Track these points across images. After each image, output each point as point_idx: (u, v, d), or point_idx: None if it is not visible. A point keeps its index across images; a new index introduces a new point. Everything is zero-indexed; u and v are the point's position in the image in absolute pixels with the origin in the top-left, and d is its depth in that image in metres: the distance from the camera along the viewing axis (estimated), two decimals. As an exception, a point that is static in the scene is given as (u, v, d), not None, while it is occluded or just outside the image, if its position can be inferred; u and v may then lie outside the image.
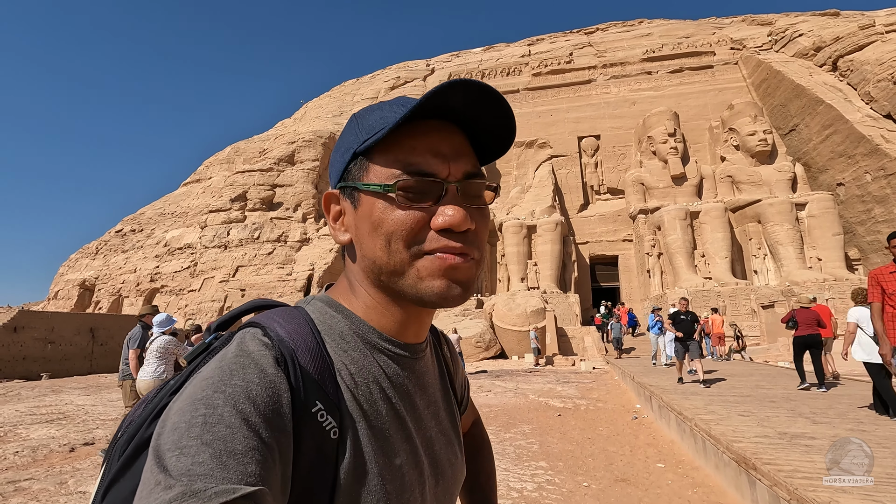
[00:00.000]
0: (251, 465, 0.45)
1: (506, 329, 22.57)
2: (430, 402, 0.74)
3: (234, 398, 0.49)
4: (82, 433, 7.81)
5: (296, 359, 0.58)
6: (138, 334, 6.86)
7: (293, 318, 0.64)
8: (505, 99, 0.65)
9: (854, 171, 27.36)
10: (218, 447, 0.45)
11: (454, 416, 0.80)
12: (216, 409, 0.48)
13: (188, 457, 0.44)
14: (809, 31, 35.48)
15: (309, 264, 28.76)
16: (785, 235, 26.74)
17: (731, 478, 4.84)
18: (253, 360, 0.54)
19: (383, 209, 0.63)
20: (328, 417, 0.57)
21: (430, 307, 0.65)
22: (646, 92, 38.74)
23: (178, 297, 31.94)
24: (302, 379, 0.57)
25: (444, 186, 0.63)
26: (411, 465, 0.65)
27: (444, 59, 50.23)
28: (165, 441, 0.46)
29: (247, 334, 0.60)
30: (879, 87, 27.74)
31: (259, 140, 45.46)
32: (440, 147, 0.64)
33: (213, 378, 0.51)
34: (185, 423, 0.47)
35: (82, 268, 38.95)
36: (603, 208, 36.30)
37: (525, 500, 4.85)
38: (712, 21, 45.75)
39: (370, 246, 0.64)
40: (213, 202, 35.90)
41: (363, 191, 0.65)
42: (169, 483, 0.42)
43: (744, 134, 31.01)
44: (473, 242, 0.64)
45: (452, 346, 0.93)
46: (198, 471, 0.43)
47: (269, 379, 0.53)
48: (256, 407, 0.50)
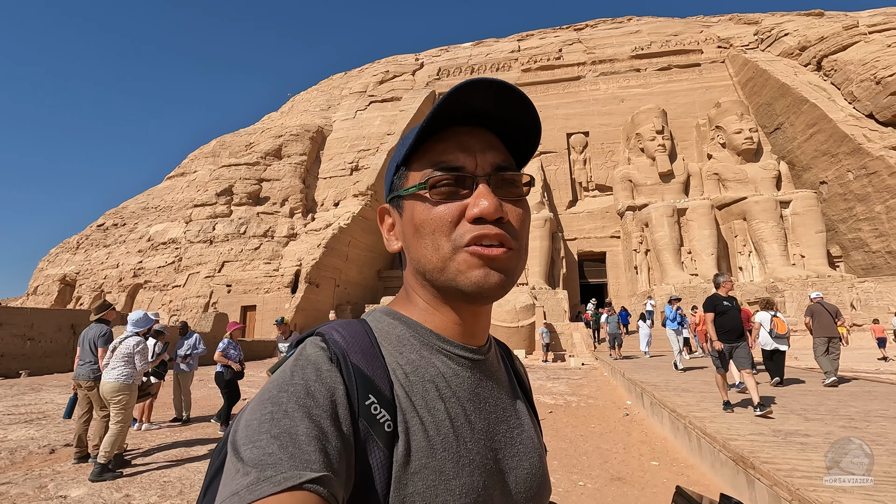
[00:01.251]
0: (314, 454, 0.50)
1: (495, 325, 22.53)
2: (499, 408, 0.72)
3: (296, 395, 0.55)
4: (63, 434, 7.55)
5: (348, 357, 0.62)
6: (107, 331, 6.35)
7: (350, 326, 0.69)
8: (523, 92, 0.67)
9: (837, 169, 27.82)
10: (284, 440, 0.50)
11: (530, 428, 0.76)
12: (280, 406, 0.54)
13: (259, 448, 0.50)
14: (795, 31, 35.93)
15: (296, 260, 28.41)
16: (769, 233, 27.13)
17: (729, 477, 4.83)
18: (310, 360, 0.60)
19: (422, 210, 0.67)
20: (382, 410, 0.60)
21: (472, 300, 0.66)
22: (634, 89, 38.93)
23: (162, 293, 31.38)
24: (354, 375, 0.61)
25: (475, 180, 0.66)
26: (472, 466, 0.63)
27: (433, 53, 49.90)
28: (240, 437, 0.52)
29: (308, 342, 0.65)
30: (862, 87, 28.20)
31: (245, 133, 44.76)
32: (466, 142, 0.68)
33: (278, 380, 0.58)
34: (256, 421, 0.53)
35: (63, 263, 38.06)
36: (591, 205, 36.48)
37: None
38: (700, 19, 46.09)
39: (415, 247, 0.68)
40: (199, 196, 35.27)
41: (404, 197, 0.70)
42: (245, 470, 0.48)
43: (730, 132, 31.35)
44: (510, 232, 0.66)
45: (524, 366, 0.91)
46: (268, 461, 0.49)
47: (324, 375, 0.59)
48: (316, 401, 0.55)
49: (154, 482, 5.32)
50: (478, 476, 0.63)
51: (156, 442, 7.26)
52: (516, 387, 0.81)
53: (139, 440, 7.34)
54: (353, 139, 37.77)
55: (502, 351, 0.85)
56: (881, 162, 24.75)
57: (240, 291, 28.27)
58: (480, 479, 0.63)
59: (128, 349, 5.88)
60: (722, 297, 7.34)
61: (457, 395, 0.66)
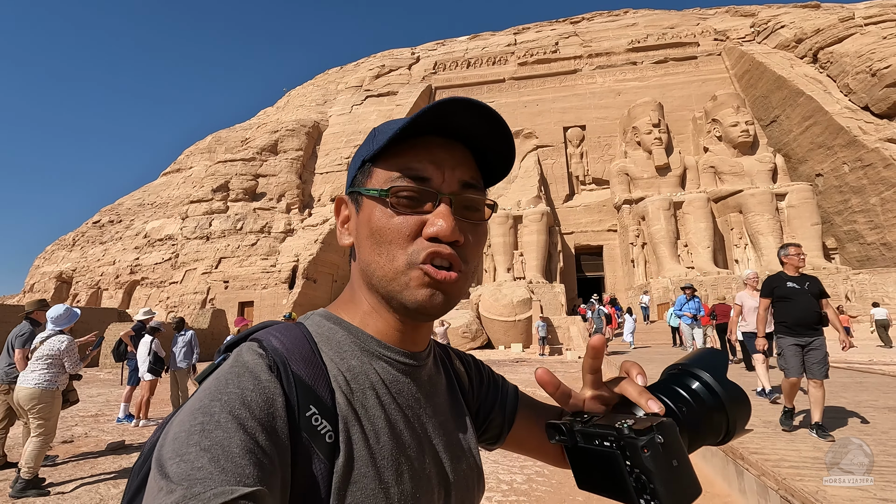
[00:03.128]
0: (248, 467, 0.47)
1: (492, 319, 22.65)
2: (437, 412, 0.72)
3: (230, 404, 0.51)
4: (60, 431, 7.59)
5: (288, 365, 0.59)
6: (28, 331, 5.72)
7: (289, 331, 0.66)
8: (503, 119, 0.67)
9: (832, 161, 27.89)
10: (216, 452, 0.47)
11: (466, 430, 0.76)
12: (213, 416, 0.50)
13: (187, 462, 0.45)
14: (791, 23, 35.88)
15: (293, 255, 28.41)
16: (765, 225, 27.23)
17: (719, 467, 4.90)
18: (247, 368, 0.56)
19: (380, 215, 0.65)
20: (323, 421, 0.58)
21: (413, 317, 0.66)
22: (631, 82, 38.86)
23: (159, 290, 31.36)
24: (295, 384, 0.58)
25: (438, 196, 0.65)
26: (413, 471, 0.63)
27: (429, 47, 49.68)
28: (167, 450, 0.48)
29: (243, 347, 0.62)
30: (858, 80, 28.22)
31: (241, 129, 44.58)
32: (438, 156, 0.66)
33: (211, 388, 0.54)
34: (185, 432, 0.48)
35: (59, 260, 37.97)
36: (588, 199, 36.50)
37: (515, 493, 4.85)
38: (696, 12, 46.00)
39: (368, 251, 0.67)
40: (195, 192, 35.17)
41: (365, 195, 0.68)
42: (170, 488, 0.44)
43: (726, 125, 31.36)
44: (462, 255, 0.65)
45: (472, 362, 0.89)
46: (197, 475, 0.44)
47: (262, 385, 0.55)
48: (252, 412, 0.52)
49: (151, 478, 5.36)
50: (417, 482, 0.63)
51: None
52: (455, 388, 0.80)
53: (137, 436, 7.38)
54: (350, 134, 37.67)
55: (441, 352, 0.83)
56: (876, 154, 24.83)
57: (237, 287, 28.28)
58: (419, 484, 0.63)
59: (51, 350, 5.18)
60: (788, 276, 5.59)
61: (397, 402, 0.66)
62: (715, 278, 25.50)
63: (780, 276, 5.65)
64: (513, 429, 0.87)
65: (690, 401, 0.63)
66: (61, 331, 5.39)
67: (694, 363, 0.67)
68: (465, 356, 0.90)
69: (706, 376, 0.64)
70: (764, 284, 5.80)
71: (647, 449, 0.52)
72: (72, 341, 5.33)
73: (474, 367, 0.88)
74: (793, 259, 5.55)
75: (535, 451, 0.88)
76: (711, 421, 0.63)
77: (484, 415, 0.85)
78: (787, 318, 5.44)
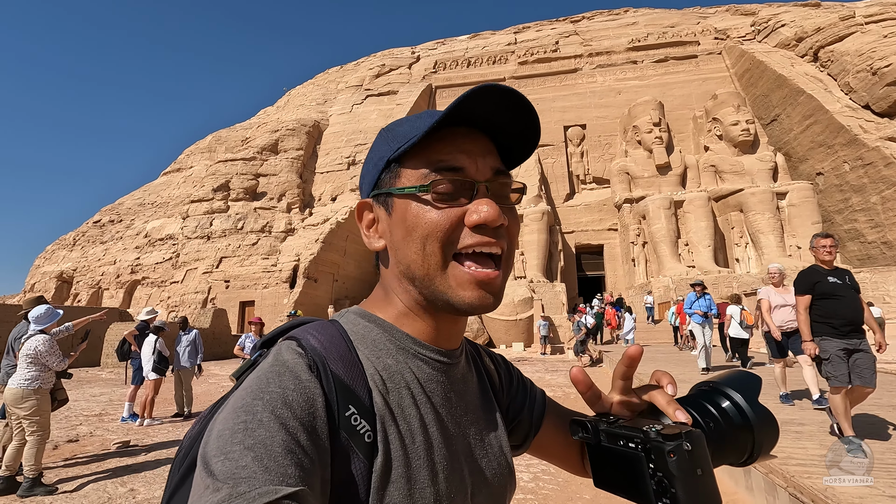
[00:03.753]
0: (291, 467, 0.47)
1: (494, 318, 22.66)
2: (469, 410, 0.72)
3: (272, 404, 0.52)
4: (65, 430, 7.61)
5: (327, 365, 0.60)
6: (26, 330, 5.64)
7: (326, 329, 0.66)
8: (529, 101, 0.67)
9: (833, 160, 27.89)
10: (259, 451, 0.47)
11: (498, 427, 0.77)
12: (256, 416, 0.50)
13: (232, 461, 0.46)
14: (791, 22, 35.87)
15: (294, 255, 28.40)
16: (766, 224, 27.23)
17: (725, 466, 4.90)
18: (287, 367, 0.57)
19: (417, 211, 0.65)
20: (361, 421, 0.59)
21: (462, 314, 0.66)
22: (631, 81, 38.85)
23: (160, 289, 31.35)
24: (335, 384, 0.59)
25: (476, 185, 0.65)
26: (449, 470, 0.64)
27: (429, 46, 49.63)
28: (211, 448, 0.49)
29: (282, 346, 0.62)
30: (859, 78, 28.22)
31: (241, 128, 44.54)
32: (466, 146, 0.67)
33: (252, 387, 0.54)
34: (229, 431, 0.49)
35: (59, 260, 37.96)
36: (588, 198, 36.50)
37: (521, 490, 4.86)
38: (697, 10, 45.95)
39: (405, 250, 0.66)
40: (195, 192, 35.15)
41: (397, 195, 0.67)
42: (216, 486, 0.44)
43: (727, 124, 31.36)
44: (505, 237, 0.66)
45: (502, 361, 0.89)
46: (242, 474, 0.45)
47: (303, 385, 0.55)
48: (293, 411, 0.52)
49: (157, 476, 5.37)
50: (451, 481, 0.64)
51: (158, 437, 7.31)
52: (487, 386, 0.81)
53: (142, 435, 7.39)
54: (350, 133, 37.65)
55: (473, 350, 0.84)
56: (877, 153, 24.83)
57: (238, 287, 28.28)
58: (453, 483, 0.64)
59: (30, 350, 5.14)
60: (824, 270, 5.02)
61: (431, 401, 0.66)
62: (716, 277, 25.51)
63: (816, 269, 5.04)
64: (538, 434, 0.87)
65: (719, 418, 0.64)
66: (42, 330, 5.35)
67: (726, 382, 0.67)
68: (495, 355, 0.89)
69: (737, 397, 0.65)
70: (800, 280, 5.15)
71: (674, 454, 0.53)
72: (50, 341, 5.26)
73: (503, 367, 0.88)
74: (821, 252, 4.98)
75: (558, 458, 0.89)
76: (737, 441, 0.63)
77: (513, 416, 0.85)
78: (833, 318, 4.82)
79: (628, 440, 0.58)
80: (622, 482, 0.59)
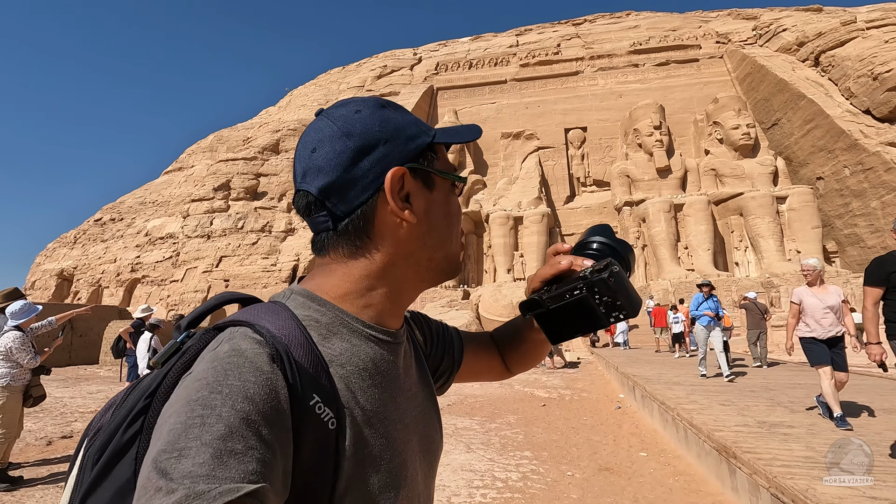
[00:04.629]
0: (252, 463, 0.45)
1: (492, 320, 22.67)
2: (413, 383, 0.77)
3: (232, 398, 0.49)
4: (60, 426, 7.64)
5: (290, 355, 0.57)
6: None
7: (279, 314, 0.63)
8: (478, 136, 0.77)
9: (833, 165, 27.88)
10: (218, 447, 0.45)
11: (432, 393, 0.84)
12: (214, 410, 0.47)
13: (188, 458, 0.43)
14: (793, 26, 35.90)
15: (294, 255, 28.47)
16: (766, 228, 27.22)
17: (713, 466, 4.92)
18: (247, 358, 0.53)
19: (454, 202, 0.74)
20: (325, 409, 0.58)
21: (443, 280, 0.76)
22: (632, 84, 38.90)
23: (159, 288, 31.43)
24: (298, 374, 0.57)
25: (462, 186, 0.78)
26: (404, 442, 0.68)
27: (431, 48, 49.76)
28: (163, 444, 0.45)
29: (236, 333, 0.58)
30: (859, 83, 28.23)
31: (243, 128, 44.68)
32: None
33: (208, 378, 0.50)
34: (182, 425, 0.46)
35: (60, 257, 38.07)
36: (589, 200, 36.52)
37: (510, 490, 4.88)
38: (698, 14, 46.01)
39: (444, 234, 0.72)
40: (196, 191, 35.26)
41: (439, 176, 0.71)
42: (170, 487, 0.41)
43: (728, 127, 31.37)
44: None
45: (423, 321, 0.95)
46: (199, 472, 0.42)
47: (265, 377, 0.53)
48: (255, 405, 0.49)
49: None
50: (405, 454, 0.67)
51: (152, 434, 7.34)
52: (422, 357, 0.85)
53: (135, 432, 7.42)
54: (351, 134, 37.72)
55: (408, 323, 0.85)
56: (877, 158, 24.83)
57: (237, 286, 28.35)
58: (407, 455, 0.68)
59: (1, 347, 5.03)
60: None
61: (385, 380, 0.67)
62: (715, 281, 25.50)
63: (892, 256, 4.29)
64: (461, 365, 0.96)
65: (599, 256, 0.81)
66: (17, 326, 5.21)
67: (590, 234, 0.86)
68: (417, 316, 0.92)
69: (602, 238, 0.84)
70: (873, 269, 4.40)
71: (612, 278, 0.68)
72: (22, 338, 5.13)
73: (425, 326, 0.93)
74: None
75: (483, 374, 1.03)
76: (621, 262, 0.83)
77: (435, 366, 0.91)
78: None
79: (572, 290, 0.71)
80: (577, 324, 0.72)
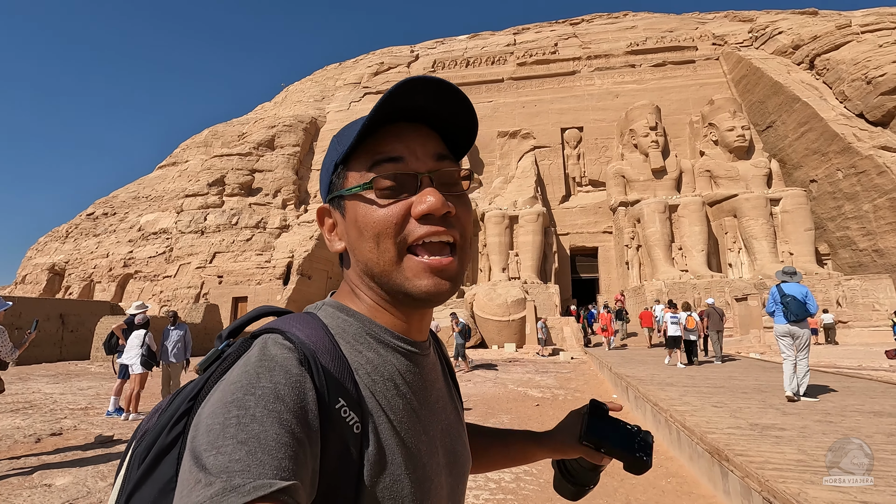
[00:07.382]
0: (285, 461, 0.48)
1: (486, 319, 22.68)
2: (440, 397, 0.77)
3: (265, 399, 0.52)
4: (49, 423, 7.57)
5: (317, 360, 0.61)
6: None
7: (309, 323, 0.66)
8: (460, 90, 0.68)
9: (827, 168, 28.07)
10: (253, 445, 0.48)
11: (459, 409, 0.84)
12: (248, 410, 0.51)
13: (225, 455, 0.46)
14: (789, 29, 36.07)
15: (288, 251, 28.35)
16: (759, 230, 27.38)
17: (705, 468, 4.94)
18: (277, 362, 0.57)
19: (365, 211, 0.67)
20: (351, 413, 0.60)
21: (422, 305, 0.68)
22: (629, 85, 38.96)
23: (152, 283, 31.21)
24: (325, 378, 0.60)
25: (419, 177, 0.67)
26: (429, 454, 0.68)
27: (428, 45, 49.61)
28: (201, 442, 0.49)
29: (268, 339, 0.62)
30: (853, 87, 28.42)
31: (238, 123, 44.38)
32: (405, 136, 0.68)
33: (242, 382, 0.54)
34: (220, 425, 0.49)
35: (52, 252, 37.71)
36: (584, 200, 36.58)
37: (503, 491, 4.88)
38: (695, 16, 46.15)
39: (361, 249, 0.68)
40: (190, 186, 35.01)
41: (346, 197, 0.69)
42: (209, 480, 0.45)
43: (723, 129, 31.50)
44: (455, 226, 0.68)
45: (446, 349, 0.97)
46: (235, 467, 0.45)
47: (294, 379, 0.56)
48: (286, 405, 0.53)
49: (139, 471, 5.35)
50: (431, 465, 0.68)
51: (143, 432, 7.28)
52: (446, 373, 0.86)
53: (126, 430, 7.36)
54: (347, 131, 37.59)
55: (433, 338, 0.86)
56: (870, 161, 25.01)
57: (231, 283, 28.20)
58: (433, 467, 0.68)
59: None
60: None
61: (412, 391, 0.69)
62: (708, 282, 25.65)
63: None
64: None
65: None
66: None
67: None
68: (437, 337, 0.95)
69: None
70: None
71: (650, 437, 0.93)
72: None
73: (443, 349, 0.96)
74: None
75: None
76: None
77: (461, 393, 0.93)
78: None
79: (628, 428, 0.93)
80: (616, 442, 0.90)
